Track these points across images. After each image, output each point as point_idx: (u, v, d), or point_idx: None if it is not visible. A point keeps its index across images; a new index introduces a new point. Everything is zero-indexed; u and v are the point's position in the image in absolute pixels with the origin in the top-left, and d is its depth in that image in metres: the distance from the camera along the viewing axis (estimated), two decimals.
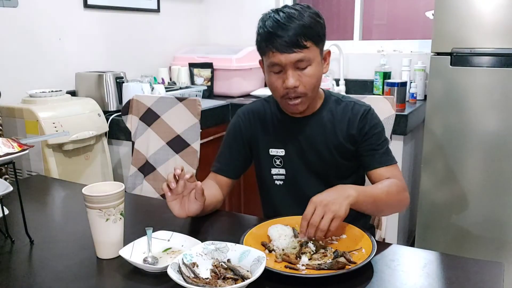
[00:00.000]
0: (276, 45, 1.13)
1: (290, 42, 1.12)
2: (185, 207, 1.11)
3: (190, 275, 0.88)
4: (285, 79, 1.16)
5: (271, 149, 1.31)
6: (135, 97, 1.99)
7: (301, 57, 1.14)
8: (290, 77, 1.15)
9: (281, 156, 1.30)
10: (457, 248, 2.18)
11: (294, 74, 1.16)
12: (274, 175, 1.32)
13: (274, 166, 1.31)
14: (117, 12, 2.61)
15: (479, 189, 2.11)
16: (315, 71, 1.18)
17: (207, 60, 2.89)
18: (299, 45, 1.13)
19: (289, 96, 1.18)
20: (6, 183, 1.16)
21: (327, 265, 0.94)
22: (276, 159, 1.30)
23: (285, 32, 1.12)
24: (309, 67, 1.16)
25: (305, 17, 1.14)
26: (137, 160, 1.99)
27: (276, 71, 1.18)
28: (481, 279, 0.92)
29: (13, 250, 1.07)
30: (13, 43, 2.11)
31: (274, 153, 1.30)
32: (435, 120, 2.16)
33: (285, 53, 1.13)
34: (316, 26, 1.16)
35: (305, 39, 1.13)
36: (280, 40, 1.12)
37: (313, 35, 1.15)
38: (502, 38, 1.96)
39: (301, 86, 1.17)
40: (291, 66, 1.15)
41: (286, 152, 1.29)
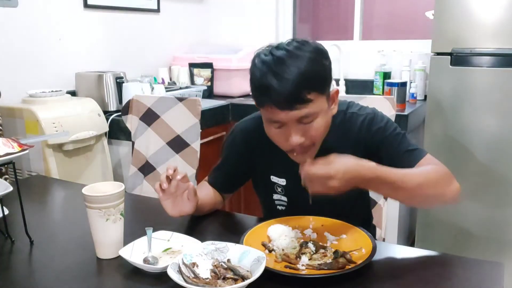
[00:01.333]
0: (275, 101, 0.97)
1: (292, 99, 0.96)
2: (178, 207, 1.10)
3: (190, 275, 0.88)
4: (288, 136, 1.01)
5: (272, 176, 1.22)
6: (135, 97, 1.99)
7: (305, 114, 0.98)
8: (293, 134, 1.00)
9: (283, 185, 1.21)
10: (457, 248, 2.18)
11: (298, 130, 1.01)
12: (276, 200, 1.24)
13: (276, 192, 1.24)
14: (117, 12, 2.61)
15: (479, 189, 2.11)
16: (322, 122, 1.03)
17: (207, 60, 2.89)
18: (303, 99, 0.97)
19: (296, 152, 1.05)
20: (6, 183, 1.16)
21: (327, 265, 0.94)
22: (278, 187, 1.22)
23: (284, 85, 0.95)
24: (315, 120, 1.01)
25: (306, 63, 0.97)
26: (137, 160, 1.99)
27: (276, 127, 1.03)
28: (481, 279, 0.92)
29: (13, 250, 1.07)
30: (13, 43, 2.10)
31: (275, 181, 1.22)
32: (435, 120, 2.16)
33: (286, 110, 0.97)
34: (320, 71, 1.00)
35: (308, 91, 0.97)
36: (280, 96, 0.96)
37: (317, 84, 0.99)
38: (502, 38, 1.96)
39: (307, 140, 1.03)
40: (294, 122, 1.00)
41: (288, 182, 1.20)
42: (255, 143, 1.21)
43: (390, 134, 1.12)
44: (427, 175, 1.03)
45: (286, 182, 1.21)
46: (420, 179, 1.02)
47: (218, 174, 1.31)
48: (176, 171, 1.06)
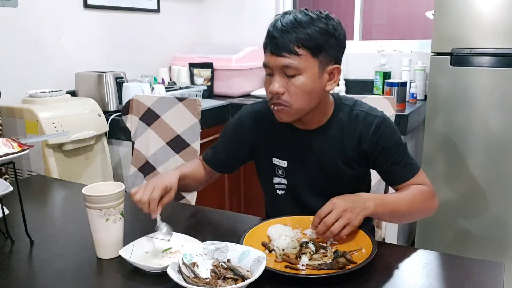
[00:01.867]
0: (270, 46, 1.08)
1: (281, 46, 1.06)
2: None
3: (190, 275, 0.88)
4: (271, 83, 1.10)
5: (274, 158, 1.25)
6: (135, 97, 1.99)
7: (288, 63, 1.06)
8: (275, 81, 1.09)
9: (284, 167, 1.24)
10: (457, 248, 2.18)
11: (281, 80, 1.08)
12: (276, 184, 1.27)
13: (276, 175, 1.27)
14: (117, 12, 2.61)
15: (479, 189, 2.11)
16: (306, 83, 1.08)
17: (207, 60, 2.89)
18: (290, 50, 1.05)
19: (273, 102, 1.11)
20: (6, 183, 1.16)
21: (327, 265, 0.94)
22: (279, 169, 1.25)
23: (281, 35, 1.06)
24: (298, 76, 1.07)
25: (312, 25, 1.06)
26: (137, 160, 1.99)
27: (267, 73, 1.12)
28: (481, 279, 0.92)
29: (13, 250, 1.07)
30: (13, 43, 2.10)
31: (277, 163, 1.25)
32: (435, 120, 2.16)
33: (274, 55, 1.07)
34: (321, 37, 1.07)
35: (298, 45, 1.05)
36: (274, 41, 1.07)
37: (311, 45, 1.06)
38: (502, 38, 1.96)
39: (286, 94, 1.09)
40: (278, 70, 1.08)
41: (289, 164, 1.23)
42: (260, 124, 1.26)
43: (394, 144, 1.18)
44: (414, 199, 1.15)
45: (287, 164, 1.24)
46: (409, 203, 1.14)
47: (217, 151, 1.33)
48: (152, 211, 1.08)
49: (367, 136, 1.16)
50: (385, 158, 1.17)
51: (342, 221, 1.00)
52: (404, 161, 1.18)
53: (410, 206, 1.13)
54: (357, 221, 1.02)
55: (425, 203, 1.16)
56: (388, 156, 1.17)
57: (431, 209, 1.19)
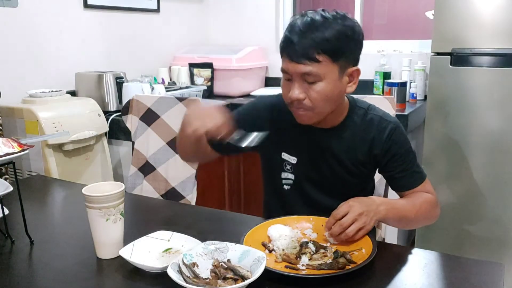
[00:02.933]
0: (288, 52, 1.07)
1: (300, 52, 1.04)
2: None
3: (190, 275, 0.88)
4: (291, 89, 1.09)
5: (284, 153, 1.25)
6: (135, 97, 1.99)
7: (308, 71, 1.05)
8: (295, 88, 1.08)
9: (293, 163, 1.25)
10: (457, 248, 2.18)
11: (301, 86, 1.08)
12: (284, 179, 1.27)
13: (284, 170, 1.26)
14: (117, 12, 2.61)
15: (479, 189, 2.11)
16: (326, 89, 1.07)
17: (207, 60, 2.89)
18: (309, 57, 1.04)
19: (294, 107, 1.12)
20: (6, 183, 1.16)
21: (327, 265, 0.94)
22: (287, 164, 1.25)
23: (300, 40, 1.04)
24: (319, 82, 1.06)
25: (329, 28, 1.04)
26: (137, 160, 1.99)
27: (286, 78, 1.11)
28: (481, 280, 0.92)
29: (13, 250, 1.07)
30: (13, 43, 2.11)
31: (286, 158, 1.25)
32: (435, 120, 2.16)
33: (294, 62, 1.06)
34: (340, 40, 1.05)
35: (318, 52, 1.04)
36: (292, 48, 1.05)
37: (331, 49, 1.04)
38: (502, 38, 1.96)
39: (307, 100, 1.09)
40: (298, 77, 1.07)
41: (298, 161, 1.24)
42: (275, 117, 1.25)
43: (405, 151, 1.19)
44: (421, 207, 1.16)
45: (297, 161, 1.24)
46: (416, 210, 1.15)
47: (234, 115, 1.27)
48: None
49: (380, 141, 1.18)
50: (395, 164, 1.19)
51: (358, 224, 1.01)
52: (412, 169, 1.20)
53: (417, 213, 1.15)
54: (371, 225, 1.03)
55: (430, 212, 1.19)
56: (398, 163, 1.19)
57: (434, 217, 1.21)
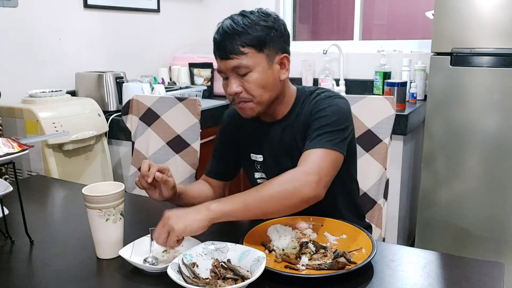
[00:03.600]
0: (218, 52, 1.15)
1: (227, 49, 1.12)
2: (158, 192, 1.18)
3: (190, 275, 0.88)
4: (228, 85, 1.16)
5: (252, 154, 1.30)
6: (135, 97, 1.99)
7: (238, 64, 1.12)
8: (231, 83, 1.15)
9: (260, 161, 1.29)
10: (457, 248, 2.18)
11: (236, 81, 1.14)
12: (258, 178, 1.32)
13: (257, 170, 1.32)
14: (117, 12, 2.61)
15: (479, 189, 2.11)
16: (259, 78, 1.13)
17: (207, 60, 2.89)
18: (236, 51, 1.12)
19: (235, 101, 1.17)
20: (6, 183, 1.16)
21: (327, 265, 0.94)
22: (257, 164, 1.30)
23: (224, 38, 1.13)
24: (250, 73, 1.13)
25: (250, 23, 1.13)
26: (137, 160, 1.99)
27: (223, 78, 1.18)
28: (481, 279, 0.92)
29: (13, 250, 1.07)
30: (13, 43, 2.11)
31: (254, 158, 1.30)
32: (435, 120, 2.16)
33: (223, 59, 1.14)
34: (262, 33, 1.12)
35: (242, 45, 1.11)
36: (220, 47, 1.14)
37: (254, 41, 1.12)
38: (502, 38, 1.96)
39: (244, 92, 1.15)
40: (231, 72, 1.14)
41: (264, 158, 1.28)
42: (237, 123, 1.32)
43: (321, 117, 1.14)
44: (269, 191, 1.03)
45: (263, 158, 1.28)
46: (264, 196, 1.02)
47: (214, 162, 1.39)
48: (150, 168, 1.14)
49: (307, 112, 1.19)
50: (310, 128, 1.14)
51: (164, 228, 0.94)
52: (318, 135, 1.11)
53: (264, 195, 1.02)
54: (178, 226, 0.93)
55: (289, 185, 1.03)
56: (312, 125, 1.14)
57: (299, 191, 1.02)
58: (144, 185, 1.15)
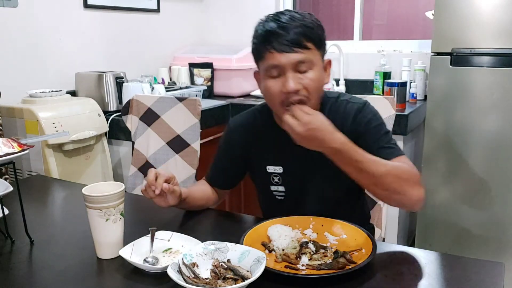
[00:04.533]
0: (275, 44, 1.04)
1: (291, 41, 1.03)
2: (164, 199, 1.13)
3: (190, 275, 0.88)
4: (284, 82, 1.05)
5: (268, 166, 1.22)
6: (135, 97, 1.99)
7: (303, 58, 1.04)
8: (290, 79, 1.04)
9: (279, 173, 1.22)
10: (457, 248, 2.18)
11: (295, 77, 1.05)
12: (274, 191, 1.25)
13: (273, 184, 1.24)
14: (117, 12, 2.61)
15: (479, 189, 2.11)
16: (318, 76, 1.07)
17: (207, 60, 2.89)
18: (301, 44, 1.04)
19: (290, 101, 1.06)
20: (6, 183, 1.16)
21: (327, 265, 0.94)
22: (274, 177, 1.23)
23: (286, 31, 1.04)
24: (310, 71, 1.06)
25: (307, 19, 1.07)
26: (137, 160, 1.99)
27: (274, 75, 1.07)
28: (481, 279, 0.92)
29: (13, 250, 1.07)
30: (13, 43, 2.10)
31: (272, 171, 1.22)
32: (435, 120, 2.16)
33: (285, 52, 1.03)
34: (318, 29, 1.09)
35: (306, 39, 1.05)
36: (280, 39, 1.04)
37: (315, 37, 1.07)
38: (502, 38, 1.96)
39: (303, 90, 1.06)
40: (291, 68, 1.05)
41: (285, 170, 1.21)
42: (250, 136, 1.24)
43: (374, 128, 1.14)
44: (395, 169, 1.03)
45: (283, 169, 1.21)
46: (386, 169, 1.02)
47: (215, 170, 1.33)
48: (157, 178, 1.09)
49: (347, 124, 1.14)
50: (365, 142, 1.09)
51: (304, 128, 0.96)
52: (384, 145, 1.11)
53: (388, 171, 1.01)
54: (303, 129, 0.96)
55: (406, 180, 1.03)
56: (368, 140, 1.11)
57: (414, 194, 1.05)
58: (151, 196, 1.10)
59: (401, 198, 1.05)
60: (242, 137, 1.26)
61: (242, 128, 1.26)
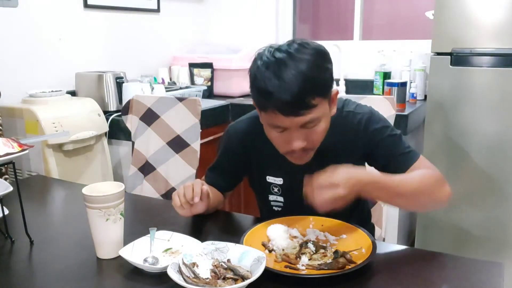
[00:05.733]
0: (280, 107, 0.96)
1: (298, 106, 0.95)
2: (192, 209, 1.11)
3: (190, 275, 0.88)
4: (290, 140, 1.02)
5: (268, 177, 1.21)
6: (135, 97, 1.99)
7: (310, 119, 0.98)
8: (296, 139, 1.01)
9: (279, 184, 1.20)
10: (457, 248, 2.18)
11: (300, 135, 1.01)
12: (272, 201, 1.24)
13: (272, 193, 1.23)
14: (117, 12, 2.61)
15: (479, 189, 2.11)
16: (324, 126, 1.03)
17: (207, 60, 2.89)
18: (308, 105, 0.96)
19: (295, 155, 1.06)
20: (6, 183, 1.16)
21: (327, 265, 0.94)
22: (274, 187, 1.22)
23: (290, 93, 0.94)
24: (318, 124, 1.01)
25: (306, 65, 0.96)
26: (137, 160, 1.99)
27: (278, 131, 1.03)
28: (481, 279, 0.92)
29: (13, 250, 1.07)
30: (13, 43, 2.10)
31: (272, 181, 1.21)
32: (435, 120, 2.16)
33: (290, 116, 0.96)
34: (322, 75, 0.99)
35: (313, 96, 0.96)
36: (283, 102, 0.95)
37: (320, 89, 0.98)
38: (502, 38, 1.96)
39: (308, 144, 1.03)
40: (297, 127, 1.00)
41: (285, 182, 1.19)
42: (250, 144, 1.21)
43: (387, 136, 1.14)
44: (422, 181, 1.06)
45: (283, 181, 1.20)
46: (416, 184, 1.05)
47: (215, 174, 1.31)
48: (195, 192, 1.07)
49: (359, 136, 1.13)
50: (382, 152, 1.12)
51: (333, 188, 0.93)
52: (400, 152, 1.12)
53: (418, 186, 1.04)
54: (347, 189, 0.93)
55: (434, 186, 1.07)
56: (384, 149, 1.12)
57: (443, 195, 1.09)
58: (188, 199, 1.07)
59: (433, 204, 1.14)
60: (241, 145, 1.23)
61: (242, 135, 1.23)
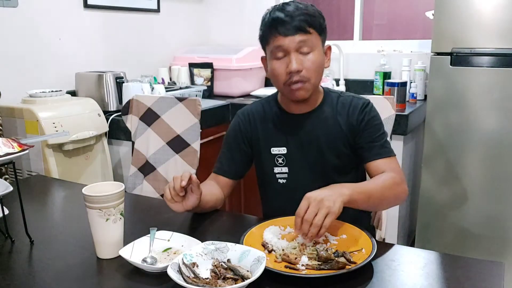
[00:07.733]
0: (281, 29, 1.18)
1: (295, 27, 1.17)
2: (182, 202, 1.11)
3: (190, 275, 0.88)
4: (288, 63, 1.19)
5: (273, 148, 1.31)
6: (135, 97, 1.99)
7: (304, 39, 1.18)
8: (293, 60, 1.18)
9: (283, 154, 1.30)
10: (457, 248, 2.18)
11: (297, 58, 1.19)
12: (277, 173, 1.32)
13: (277, 165, 1.32)
14: (117, 12, 2.61)
15: (479, 189, 2.11)
16: (318, 58, 1.21)
17: (207, 60, 2.89)
18: (303, 29, 1.18)
19: (292, 80, 1.20)
20: (6, 183, 1.16)
21: (327, 265, 0.94)
22: (278, 158, 1.31)
23: (291, 18, 1.18)
24: (311, 53, 1.20)
25: (309, 8, 1.21)
26: (137, 160, 1.99)
27: (279, 57, 1.21)
28: (481, 279, 0.92)
29: (13, 250, 1.07)
30: (13, 43, 2.10)
31: (276, 152, 1.31)
32: (435, 120, 2.16)
33: (289, 35, 1.17)
34: (320, 18, 1.22)
35: (308, 25, 1.18)
36: (285, 25, 1.18)
37: (316, 24, 1.20)
38: (502, 38, 1.96)
39: (304, 70, 1.19)
40: (294, 49, 1.18)
41: (288, 150, 1.30)
42: (257, 121, 1.35)
43: (375, 125, 1.28)
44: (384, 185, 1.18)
45: (287, 150, 1.30)
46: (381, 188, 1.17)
47: (223, 160, 1.37)
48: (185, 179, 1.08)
49: (354, 114, 1.27)
50: (366, 134, 1.26)
51: (322, 211, 0.98)
52: (381, 142, 1.27)
53: (383, 190, 1.16)
54: (336, 207, 1.00)
55: (394, 189, 1.19)
56: (369, 133, 1.26)
57: (402, 193, 1.22)
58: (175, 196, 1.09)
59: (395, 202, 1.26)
60: (249, 123, 1.36)
61: (249, 115, 1.37)
